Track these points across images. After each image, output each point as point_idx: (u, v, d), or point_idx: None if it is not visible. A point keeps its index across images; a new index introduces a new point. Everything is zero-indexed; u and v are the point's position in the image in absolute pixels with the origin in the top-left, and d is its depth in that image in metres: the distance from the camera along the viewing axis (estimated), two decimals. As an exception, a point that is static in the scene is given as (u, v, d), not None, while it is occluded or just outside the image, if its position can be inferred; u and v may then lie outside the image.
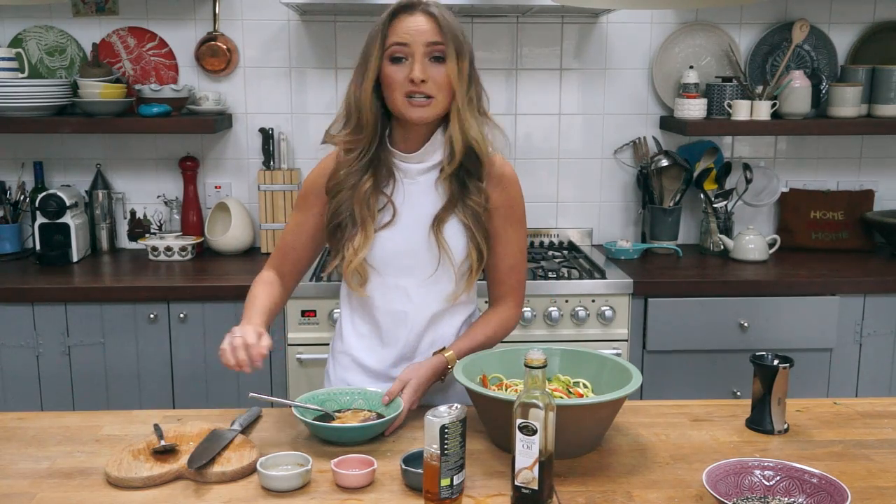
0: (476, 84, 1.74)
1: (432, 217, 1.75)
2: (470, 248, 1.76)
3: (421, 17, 1.66)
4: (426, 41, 1.65)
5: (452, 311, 1.83)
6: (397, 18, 1.68)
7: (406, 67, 1.66)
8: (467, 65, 1.69)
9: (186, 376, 2.76)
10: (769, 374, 1.65)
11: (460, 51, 1.67)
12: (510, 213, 1.80)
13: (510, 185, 1.80)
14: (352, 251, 1.75)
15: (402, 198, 1.77)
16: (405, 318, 1.80)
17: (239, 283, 2.74)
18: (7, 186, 3.12)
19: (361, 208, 1.74)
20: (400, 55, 1.67)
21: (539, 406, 1.31)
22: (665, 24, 3.21)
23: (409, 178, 1.78)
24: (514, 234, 1.82)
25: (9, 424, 1.70)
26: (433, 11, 1.67)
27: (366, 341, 1.85)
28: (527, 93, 3.22)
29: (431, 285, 1.78)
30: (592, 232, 3.34)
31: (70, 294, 2.71)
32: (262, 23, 3.14)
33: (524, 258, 1.87)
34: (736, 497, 1.38)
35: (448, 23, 1.67)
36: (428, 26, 1.66)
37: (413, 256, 1.76)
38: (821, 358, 2.85)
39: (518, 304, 1.87)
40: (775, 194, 3.30)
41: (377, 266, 1.77)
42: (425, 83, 1.66)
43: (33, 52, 3.12)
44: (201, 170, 3.22)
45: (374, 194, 1.76)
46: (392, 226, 1.76)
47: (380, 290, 1.80)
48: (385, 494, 1.42)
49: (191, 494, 1.42)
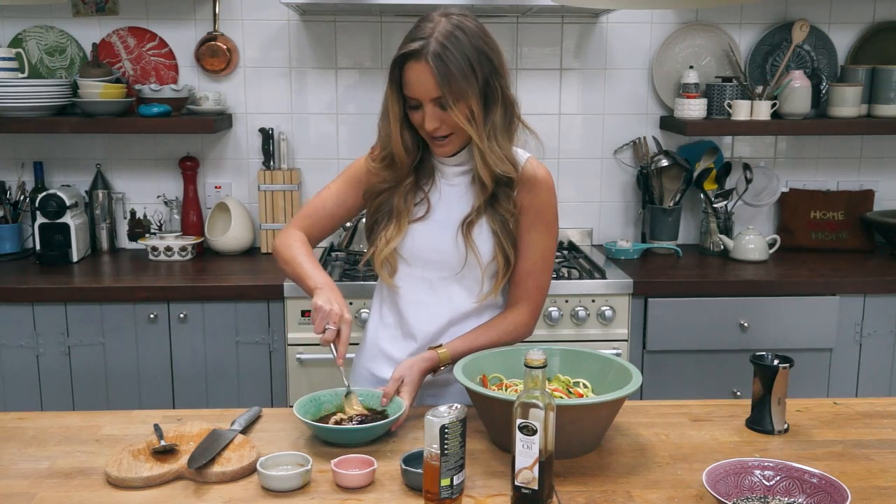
0: (501, 102, 1.71)
1: (462, 219, 1.77)
2: (496, 253, 1.77)
3: (424, 69, 1.64)
4: (429, 97, 1.66)
5: (479, 311, 1.83)
6: (407, 66, 1.67)
7: (421, 113, 1.70)
8: (480, 95, 1.67)
9: (186, 376, 2.76)
10: (769, 374, 1.65)
11: (464, 94, 1.65)
12: (536, 217, 1.80)
13: (541, 189, 1.80)
14: (384, 241, 1.79)
15: (438, 196, 1.81)
16: (428, 310, 1.82)
17: (239, 283, 2.74)
18: (7, 186, 3.12)
19: (399, 202, 1.79)
20: (414, 104, 1.70)
21: (539, 406, 1.31)
22: (665, 24, 3.21)
23: (446, 178, 1.82)
24: (539, 238, 1.81)
25: (9, 424, 1.70)
26: (432, 60, 1.63)
27: (390, 331, 1.88)
28: (527, 93, 3.22)
29: (457, 282, 1.81)
30: (592, 232, 3.34)
31: (70, 294, 2.71)
32: (262, 23, 3.14)
33: (547, 266, 1.84)
34: (736, 497, 1.38)
35: (449, 68, 1.63)
36: (429, 80, 1.64)
37: (441, 252, 1.79)
38: (821, 358, 2.85)
39: (532, 311, 1.84)
40: (775, 194, 3.30)
41: (406, 257, 1.81)
42: (439, 128, 1.69)
43: (33, 52, 3.12)
44: (201, 170, 3.22)
45: (413, 190, 1.80)
46: (425, 220, 1.80)
47: (407, 281, 1.83)
48: (385, 494, 1.42)
49: (191, 494, 1.42)
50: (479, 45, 1.67)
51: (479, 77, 1.66)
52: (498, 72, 1.70)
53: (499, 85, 1.70)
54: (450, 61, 1.63)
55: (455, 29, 1.65)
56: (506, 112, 1.72)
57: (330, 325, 1.62)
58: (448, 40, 1.64)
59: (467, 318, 1.83)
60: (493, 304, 1.85)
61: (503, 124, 1.72)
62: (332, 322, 1.63)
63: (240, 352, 2.76)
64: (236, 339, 2.75)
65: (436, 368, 1.75)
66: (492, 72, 1.68)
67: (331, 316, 1.63)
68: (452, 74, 1.63)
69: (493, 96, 1.69)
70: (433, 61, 1.63)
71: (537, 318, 1.86)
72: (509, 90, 1.73)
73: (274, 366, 2.76)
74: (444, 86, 1.63)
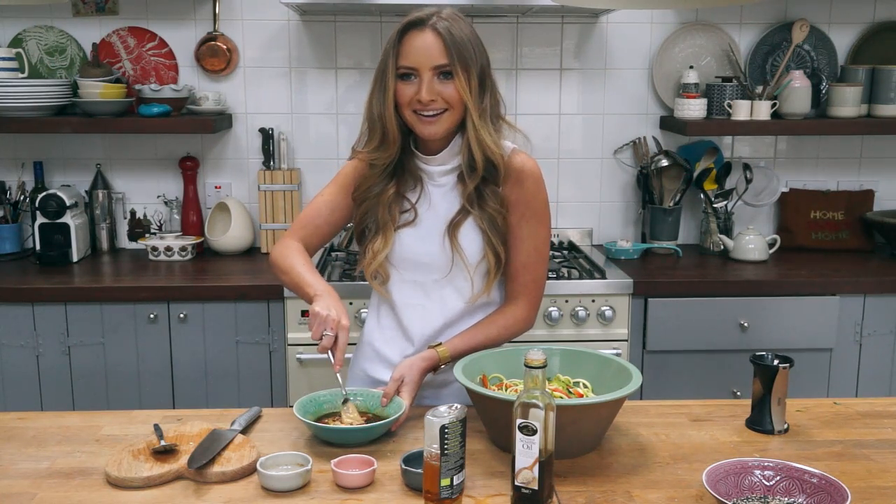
0: (491, 92, 1.74)
1: (448, 221, 1.77)
2: (486, 252, 1.77)
3: (430, 36, 1.67)
4: (432, 64, 1.67)
5: (473, 311, 1.83)
6: (408, 35, 1.68)
7: (415, 85, 1.69)
8: (477, 78, 1.70)
9: (186, 376, 2.76)
10: (769, 374, 1.65)
11: (468, 66, 1.68)
12: (526, 209, 1.79)
13: (528, 180, 1.79)
14: (371, 254, 1.80)
15: (425, 200, 1.81)
16: (423, 313, 1.82)
17: (239, 283, 2.74)
18: (7, 186, 3.12)
19: (383, 213, 1.79)
20: (409, 73, 1.69)
21: (539, 406, 1.31)
22: (665, 24, 3.21)
23: (432, 180, 1.81)
24: (530, 231, 1.80)
25: (9, 424, 1.70)
26: (440, 29, 1.66)
27: (387, 333, 1.87)
28: (527, 93, 3.22)
29: (448, 284, 1.80)
30: (592, 232, 3.34)
31: (70, 294, 2.71)
32: (262, 23, 3.14)
33: (542, 258, 1.84)
34: (736, 497, 1.38)
35: (456, 39, 1.67)
36: (435, 46, 1.66)
37: (429, 256, 1.79)
38: (821, 358, 2.85)
39: (530, 305, 1.84)
40: (775, 194, 3.30)
41: (395, 263, 1.81)
42: (434, 101, 1.69)
43: (33, 52, 3.12)
44: (201, 170, 3.22)
45: (397, 200, 1.80)
46: (412, 225, 1.80)
47: (400, 286, 1.83)
48: (385, 494, 1.42)
49: (191, 494, 1.42)
50: (476, 36, 1.73)
51: (478, 59, 1.71)
52: (490, 67, 1.76)
53: (491, 77, 1.75)
54: (455, 32, 1.68)
55: (455, 15, 1.71)
56: (494, 105, 1.76)
57: (327, 331, 1.61)
58: (452, 19, 1.70)
59: (462, 318, 1.83)
60: (487, 303, 1.85)
61: (492, 114, 1.75)
62: (329, 328, 1.61)
63: (240, 352, 2.76)
64: (236, 339, 2.75)
65: (436, 367, 1.74)
66: (486, 63, 1.74)
67: (328, 322, 1.61)
68: (461, 43, 1.67)
69: (487, 84, 1.74)
70: (441, 29, 1.67)
71: (537, 310, 1.86)
72: (497, 88, 1.78)
73: (274, 366, 2.76)
74: (452, 52, 1.66)
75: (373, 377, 1.87)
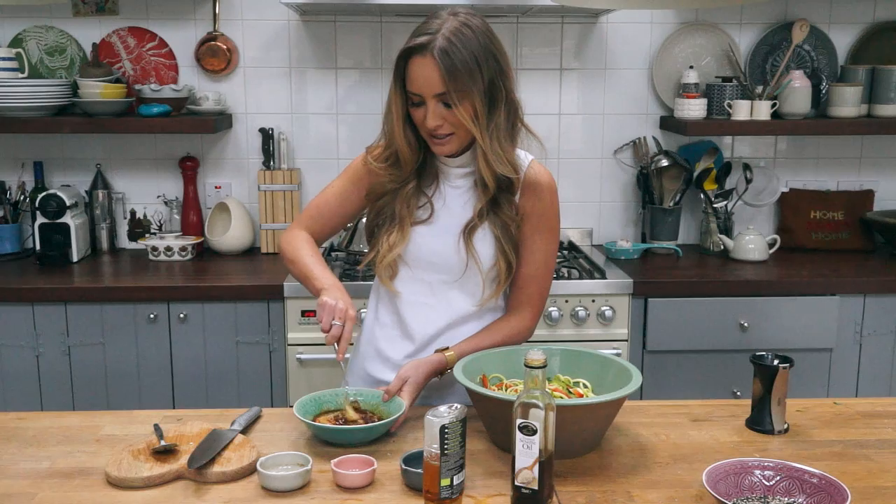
0: (502, 106, 1.69)
1: (465, 223, 1.76)
2: (498, 258, 1.77)
3: (429, 64, 1.62)
4: (433, 93, 1.65)
5: (479, 315, 1.83)
6: (411, 60, 1.65)
7: (424, 110, 1.68)
8: (485, 94, 1.65)
9: (186, 376, 2.76)
10: (769, 374, 1.65)
11: (468, 91, 1.63)
12: (539, 222, 1.79)
13: (544, 194, 1.79)
14: (386, 246, 1.78)
15: (441, 199, 1.80)
16: (428, 312, 1.82)
17: (239, 283, 2.74)
18: (7, 186, 3.12)
19: (402, 207, 1.78)
20: (417, 101, 1.68)
21: (539, 406, 1.31)
22: (665, 24, 3.21)
23: (449, 181, 1.80)
24: (541, 244, 1.81)
25: (9, 424, 1.70)
26: (438, 55, 1.61)
27: (387, 331, 1.86)
28: (527, 93, 3.20)
29: (458, 286, 1.80)
30: (592, 232, 3.34)
31: (70, 294, 2.71)
32: (262, 23, 3.14)
33: (549, 270, 1.84)
34: (736, 497, 1.38)
35: (455, 63, 1.61)
36: (434, 75, 1.62)
37: (442, 257, 1.78)
38: (821, 358, 2.85)
39: (534, 316, 1.84)
40: (775, 194, 3.30)
41: (408, 260, 1.80)
42: (440, 127, 1.67)
43: (33, 52, 3.12)
44: (201, 170, 3.22)
45: (416, 194, 1.79)
46: (428, 223, 1.79)
47: (407, 283, 1.82)
48: (385, 494, 1.42)
49: (191, 494, 1.42)
50: (486, 44, 1.66)
51: (484, 76, 1.65)
52: (504, 73, 1.69)
53: (504, 86, 1.69)
54: (456, 57, 1.61)
55: (462, 26, 1.64)
56: (509, 114, 1.71)
57: (336, 320, 1.62)
58: (455, 36, 1.63)
59: (466, 321, 1.82)
60: (493, 308, 1.85)
61: (506, 126, 1.71)
62: (337, 317, 1.62)
63: (240, 352, 2.76)
64: (236, 339, 2.75)
65: (443, 371, 1.74)
66: (498, 72, 1.67)
67: (336, 311, 1.62)
68: (458, 70, 1.62)
69: (498, 97, 1.68)
70: (439, 56, 1.61)
71: (538, 321, 1.87)
72: (514, 92, 1.72)
73: (274, 366, 2.76)
74: (449, 82, 1.62)
75: (374, 376, 1.87)
